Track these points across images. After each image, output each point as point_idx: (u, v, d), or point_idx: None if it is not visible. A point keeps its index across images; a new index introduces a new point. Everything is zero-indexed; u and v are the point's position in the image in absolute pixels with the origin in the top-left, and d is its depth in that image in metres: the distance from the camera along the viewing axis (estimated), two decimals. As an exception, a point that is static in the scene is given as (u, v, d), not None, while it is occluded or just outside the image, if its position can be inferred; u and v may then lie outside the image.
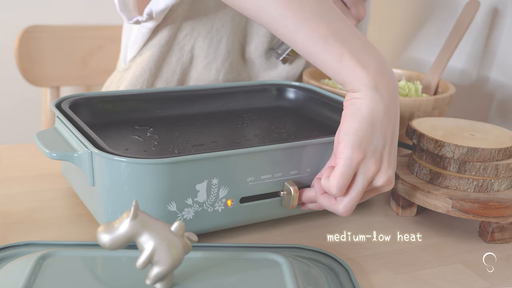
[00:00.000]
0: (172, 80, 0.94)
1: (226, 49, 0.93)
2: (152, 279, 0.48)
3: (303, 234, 0.66)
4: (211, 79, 0.94)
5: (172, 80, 0.94)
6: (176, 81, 0.94)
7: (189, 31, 0.91)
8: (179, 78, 0.94)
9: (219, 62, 0.93)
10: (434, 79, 0.93)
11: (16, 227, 0.63)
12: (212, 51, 0.92)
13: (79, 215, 0.67)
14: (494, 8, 1.01)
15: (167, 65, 0.93)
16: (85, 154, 0.58)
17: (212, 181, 0.59)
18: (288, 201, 0.63)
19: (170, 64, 0.93)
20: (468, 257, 0.64)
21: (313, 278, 0.54)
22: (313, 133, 0.78)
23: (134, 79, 0.94)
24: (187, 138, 0.72)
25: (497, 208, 0.64)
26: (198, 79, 0.94)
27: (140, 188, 0.56)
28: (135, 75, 0.94)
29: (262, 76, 0.99)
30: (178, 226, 0.48)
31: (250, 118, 0.81)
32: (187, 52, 0.92)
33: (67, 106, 0.69)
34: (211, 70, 0.93)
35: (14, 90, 1.46)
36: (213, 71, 0.94)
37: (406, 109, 0.82)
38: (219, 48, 0.92)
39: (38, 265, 0.51)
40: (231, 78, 0.95)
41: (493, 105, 1.02)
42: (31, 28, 1.17)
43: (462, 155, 0.66)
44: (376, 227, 0.68)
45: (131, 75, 0.95)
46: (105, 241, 0.46)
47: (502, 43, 1.00)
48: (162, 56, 0.93)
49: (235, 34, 0.93)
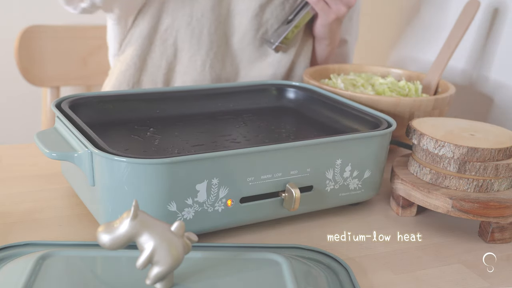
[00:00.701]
0: (158, 75, 0.94)
1: (209, 39, 0.93)
2: (152, 279, 0.48)
3: (303, 234, 0.66)
4: (197, 71, 0.94)
5: (158, 74, 0.94)
6: (162, 75, 0.94)
7: (169, 23, 0.91)
8: (165, 73, 0.94)
9: (203, 53, 0.93)
10: (434, 79, 0.93)
11: (16, 227, 0.63)
12: (195, 42, 0.92)
13: (79, 215, 0.67)
14: (494, 8, 1.01)
15: (152, 59, 0.93)
16: (85, 154, 0.58)
17: (212, 181, 0.59)
18: (289, 203, 0.63)
19: (154, 58, 0.93)
20: (468, 257, 0.64)
21: (313, 278, 0.54)
22: (313, 133, 0.78)
23: (120, 75, 0.95)
24: (187, 138, 0.72)
25: (497, 208, 0.64)
26: (185, 72, 0.94)
27: (140, 188, 0.56)
28: (121, 71, 0.95)
29: (251, 67, 0.99)
30: (178, 226, 0.48)
31: (250, 118, 0.81)
32: (170, 45, 0.93)
33: (67, 106, 0.69)
34: (196, 61, 0.94)
35: (14, 90, 1.46)
36: (199, 62, 0.94)
37: (406, 109, 0.82)
38: (201, 38, 0.93)
39: (38, 265, 0.51)
40: (217, 68, 0.95)
41: (493, 105, 1.02)
42: (31, 28, 1.17)
43: (462, 155, 0.66)
44: (376, 227, 0.68)
45: (117, 72, 0.96)
46: (105, 241, 0.46)
47: (502, 43, 1.00)
48: (145, 50, 0.93)
49: (217, 25, 0.93)
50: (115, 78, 0.96)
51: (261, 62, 0.99)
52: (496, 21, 1.01)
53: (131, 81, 0.94)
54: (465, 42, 1.05)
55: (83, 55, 1.23)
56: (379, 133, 0.68)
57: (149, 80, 0.94)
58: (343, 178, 0.67)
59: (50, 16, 1.41)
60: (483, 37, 1.03)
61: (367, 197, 0.71)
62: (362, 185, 0.69)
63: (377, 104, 0.81)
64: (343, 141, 0.65)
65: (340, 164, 0.66)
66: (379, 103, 0.81)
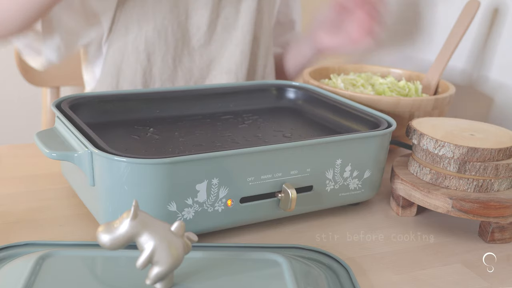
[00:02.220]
0: (136, 79, 0.98)
1: (174, 37, 0.98)
2: (152, 279, 0.48)
3: (303, 234, 0.66)
4: (171, 69, 0.99)
5: (135, 79, 0.98)
6: (140, 79, 0.98)
7: (137, 31, 0.96)
8: (142, 76, 0.99)
9: (172, 51, 0.99)
10: (434, 79, 0.93)
11: (16, 227, 0.63)
12: (163, 43, 0.97)
13: (79, 215, 0.67)
14: (494, 8, 1.01)
15: (128, 66, 0.98)
16: (85, 154, 0.58)
17: (212, 181, 0.59)
18: (286, 203, 0.63)
19: (130, 65, 0.98)
20: (468, 257, 0.64)
21: (313, 278, 0.54)
22: (313, 133, 0.78)
23: (98, 84, 1.01)
24: (187, 138, 0.72)
25: (497, 208, 0.64)
26: (161, 73, 0.99)
27: (140, 188, 0.56)
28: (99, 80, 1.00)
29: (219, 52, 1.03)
30: (178, 226, 0.48)
31: (250, 118, 0.81)
32: (142, 51, 0.97)
33: (67, 106, 0.69)
34: (168, 60, 0.99)
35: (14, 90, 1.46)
36: (170, 60, 0.99)
37: (406, 109, 0.82)
38: (168, 38, 0.97)
39: (38, 265, 0.51)
40: (186, 62, 1.01)
41: (493, 105, 1.02)
42: (31, 28, 1.17)
43: (462, 155, 0.66)
44: (376, 227, 0.68)
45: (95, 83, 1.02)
46: (105, 241, 0.46)
47: (502, 43, 1.00)
48: (119, 59, 0.98)
49: (179, 23, 0.98)
50: (95, 85, 1.02)
51: (228, 45, 1.03)
52: (496, 21, 1.01)
53: (110, 87, 0.99)
54: (465, 42, 1.05)
55: (83, 55, 1.22)
56: (379, 133, 0.68)
57: (128, 84, 0.99)
58: (343, 178, 0.67)
59: (50, 16, 1.41)
60: (483, 37, 1.03)
61: (367, 197, 0.71)
62: (362, 185, 0.69)
63: (377, 104, 0.81)
64: (343, 141, 0.65)
65: (340, 164, 0.66)
66: (379, 103, 0.81)
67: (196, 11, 0.99)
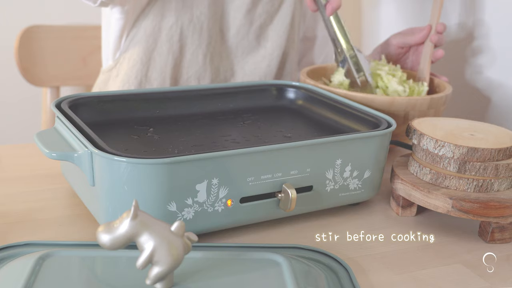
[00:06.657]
0: (166, 70, 1.00)
1: (208, 34, 1.00)
2: (152, 279, 0.48)
3: (303, 234, 0.66)
4: (199, 64, 1.01)
5: (166, 69, 1.00)
6: (170, 69, 1.00)
7: (173, 21, 0.98)
8: (172, 67, 1.00)
9: (204, 47, 1.01)
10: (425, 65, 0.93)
11: (16, 227, 0.63)
12: (197, 37, 1.00)
13: (79, 215, 0.67)
14: (494, 7, 1.01)
15: (159, 55, 1.00)
16: (85, 154, 0.58)
17: (212, 181, 0.59)
18: (285, 203, 0.63)
19: (162, 54, 1.00)
20: (468, 257, 0.64)
21: (313, 278, 0.54)
22: (313, 133, 0.78)
23: (128, 71, 1.00)
24: (187, 138, 0.72)
25: (497, 208, 0.64)
26: (189, 66, 1.01)
27: (140, 188, 0.56)
28: (128, 66, 1.00)
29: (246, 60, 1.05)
30: (178, 226, 0.48)
31: (250, 118, 0.81)
32: (176, 42, 0.99)
33: (67, 106, 0.69)
34: (198, 55, 1.01)
35: (14, 90, 1.46)
36: (200, 56, 1.01)
37: (401, 108, 0.82)
38: (202, 34, 1.00)
39: (38, 265, 0.51)
40: (216, 61, 1.03)
41: (491, 105, 1.02)
42: (31, 28, 1.17)
43: (462, 155, 0.66)
44: (376, 227, 0.68)
45: (125, 68, 1.02)
46: (105, 241, 0.46)
47: (502, 43, 1.00)
48: (151, 47, 0.99)
49: (214, 21, 1.00)
50: (122, 74, 1.01)
51: (255, 55, 1.05)
52: (495, 21, 1.01)
53: (139, 76, 1.00)
54: (465, 42, 1.05)
55: (83, 55, 1.23)
56: (379, 133, 0.68)
57: (157, 74, 1.00)
58: (343, 178, 0.67)
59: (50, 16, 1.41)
60: (482, 37, 1.03)
61: (367, 197, 0.71)
62: (362, 185, 0.69)
63: (371, 103, 0.81)
64: (343, 141, 0.65)
65: (340, 164, 0.66)
66: (373, 102, 0.81)
67: (231, 13, 1.01)
